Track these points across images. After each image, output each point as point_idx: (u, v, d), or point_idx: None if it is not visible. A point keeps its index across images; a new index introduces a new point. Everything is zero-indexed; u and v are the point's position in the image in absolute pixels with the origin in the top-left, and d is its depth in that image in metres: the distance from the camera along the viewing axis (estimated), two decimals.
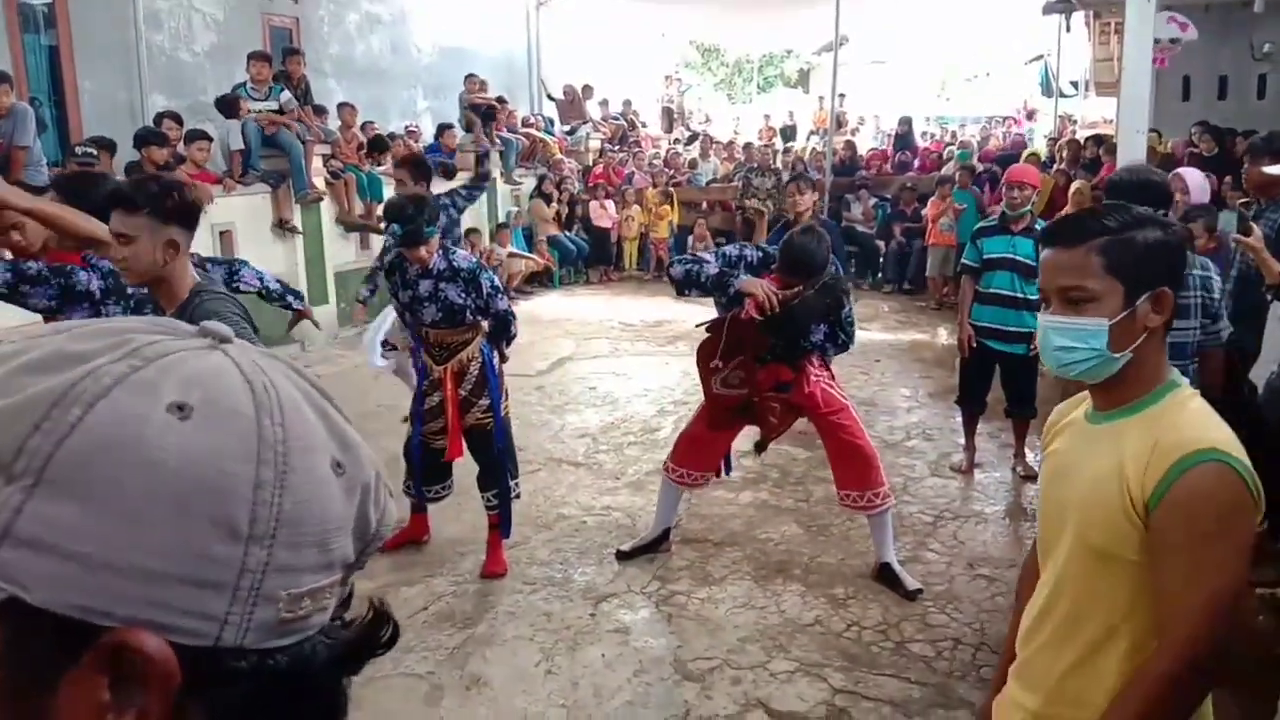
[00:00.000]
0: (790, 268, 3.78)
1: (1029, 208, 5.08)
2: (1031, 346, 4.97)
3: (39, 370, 0.49)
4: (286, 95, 8.43)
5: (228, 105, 8.37)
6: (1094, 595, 1.54)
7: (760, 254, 4.04)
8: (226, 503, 0.49)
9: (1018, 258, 4.98)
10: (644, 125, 16.72)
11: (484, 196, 11.71)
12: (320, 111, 9.59)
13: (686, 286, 3.95)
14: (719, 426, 4.16)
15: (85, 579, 0.46)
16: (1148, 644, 1.48)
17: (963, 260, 5.34)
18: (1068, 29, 14.28)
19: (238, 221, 7.84)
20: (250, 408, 0.51)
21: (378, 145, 10.14)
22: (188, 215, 2.69)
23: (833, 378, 4.17)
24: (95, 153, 7.50)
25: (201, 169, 7.84)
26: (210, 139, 8.04)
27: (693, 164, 14.11)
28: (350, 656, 0.56)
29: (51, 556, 0.46)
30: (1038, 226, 5.03)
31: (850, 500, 4.03)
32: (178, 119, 8.30)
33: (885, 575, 4.03)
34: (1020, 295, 4.97)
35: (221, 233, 7.89)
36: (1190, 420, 1.49)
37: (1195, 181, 5.21)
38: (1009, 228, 5.06)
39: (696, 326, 4.05)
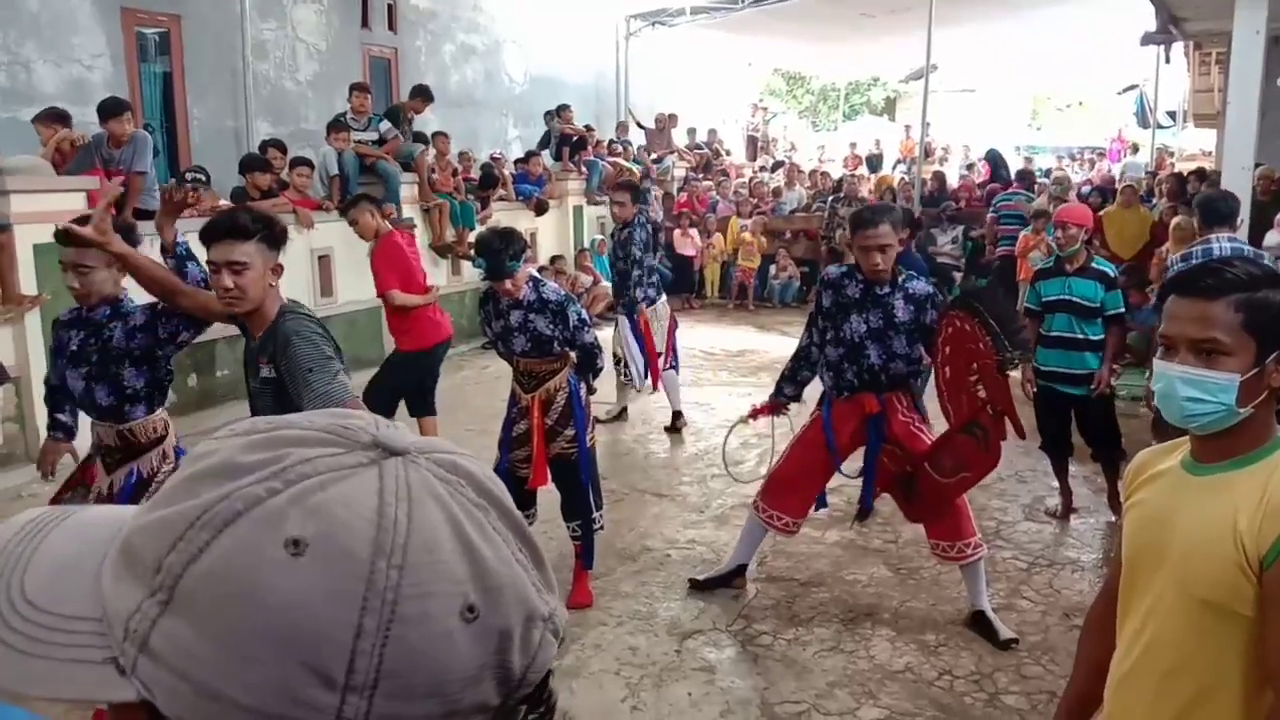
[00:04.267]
0: None
1: (1078, 247, 4.95)
2: (1091, 388, 4.90)
3: (204, 480, 0.51)
4: (386, 125, 8.68)
5: (332, 128, 8.68)
6: (1201, 647, 1.53)
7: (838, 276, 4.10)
8: (323, 650, 0.48)
9: (1074, 299, 4.92)
10: (728, 153, 16.76)
11: (571, 222, 11.92)
12: (421, 139, 9.86)
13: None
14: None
15: (194, 702, 0.48)
16: (1258, 696, 1.48)
17: (1026, 305, 5.22)
18: (1167, 60, 13.93)
19: (336, 246, 8.08)
20: (367, 548, 0.48)
21: (488, 181, 10.44)
22: (284, 241, 2.92)
23: (924, 420, 4.10)
24: (204, 178, 7.83)
25: (303, 194, 8.11)
26: (312, 165, 8.31)
27: (777, 192, 14.08)
28: None
29: (171, 673, 0.48)
30: (1095, 265, 4.98)
31: (941, 550, 3.96)
32: (282, 147, 8.60)
33: (979, 623, 3.94)
34: (1081, 336, 4.91)
35: (320, 257, 8.14)
36: None
37: None
38: (1064, 268, 4.99)
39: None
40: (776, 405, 4.33)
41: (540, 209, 11.14)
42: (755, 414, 4.36)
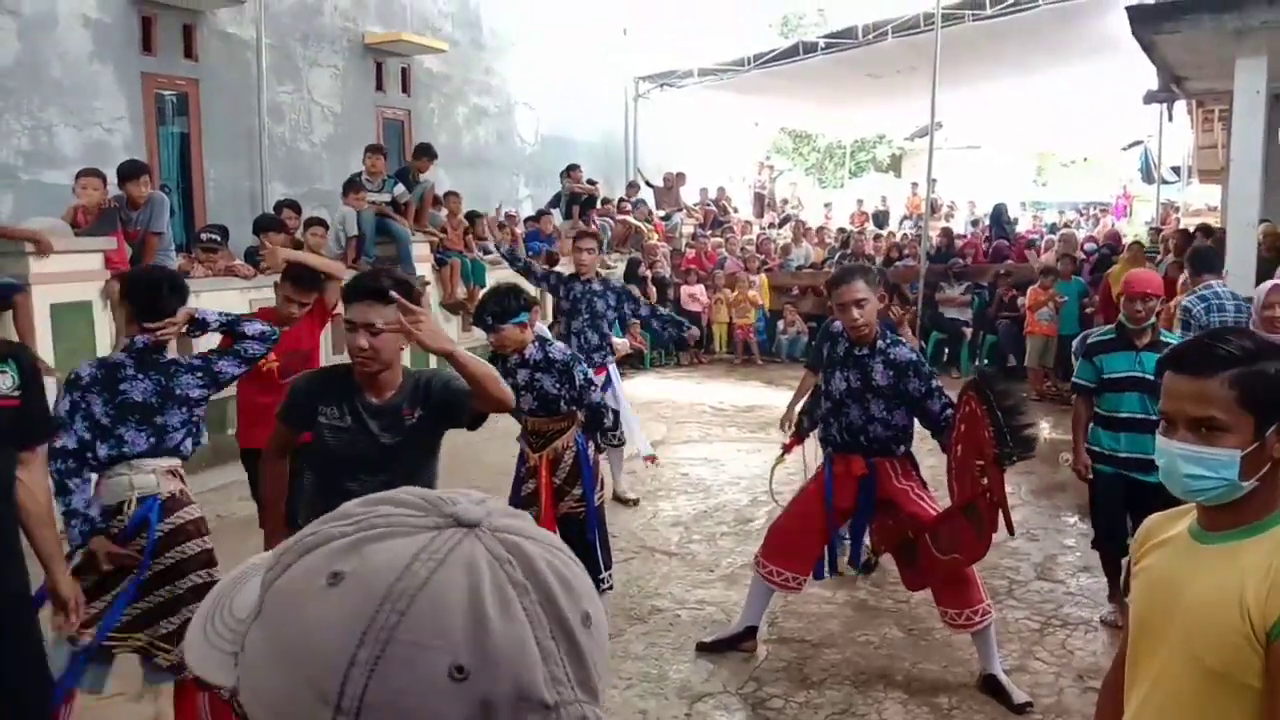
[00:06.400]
0: None
1: (1154, 320, 4.43)
2: None
3: (322, 522, 0.62)
4: (400, 188, 8.82)
5: (349, 188, 8.83)
6: (1207, 717, 1.51)
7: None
8: (323, 670, 0.54)
9: (1146, 376, 4.24)
10: (735, 210, 16.96)
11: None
12: (434, 201, 10.01)
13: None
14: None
15: (247, 697, 0.59)
16: None
17: (1075, 380, 4.67)
18: (1169, 118, 14.08)
19: None
20: (382, 591, 0.55)
21: (471, 217, 10.58)
22: (419, 305, 2.85)
23: (923, 485, 4.08)
24: (220, 238, 7.95)
25: (317, 254, 8.21)
26: (326, 225, 8.43)
27: (785, 249, 14.20)
28: None
29: (243, 670, 0.60)
30: (1163, 339, 4.36)
31: (949, 618, 3.92)
32: (296, 207, 8.74)
33: (991, 686, 3.89)
34: (1154, 417, 4.25)
35: (333, 315, 8.21)
36: None
37: None
38: (1132, 343, 4.39)
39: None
40: (800, 438, 4.59)
41: (551, 261, 11.25)
42: (787, 449, 4.65)
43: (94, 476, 3.14)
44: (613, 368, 6.45)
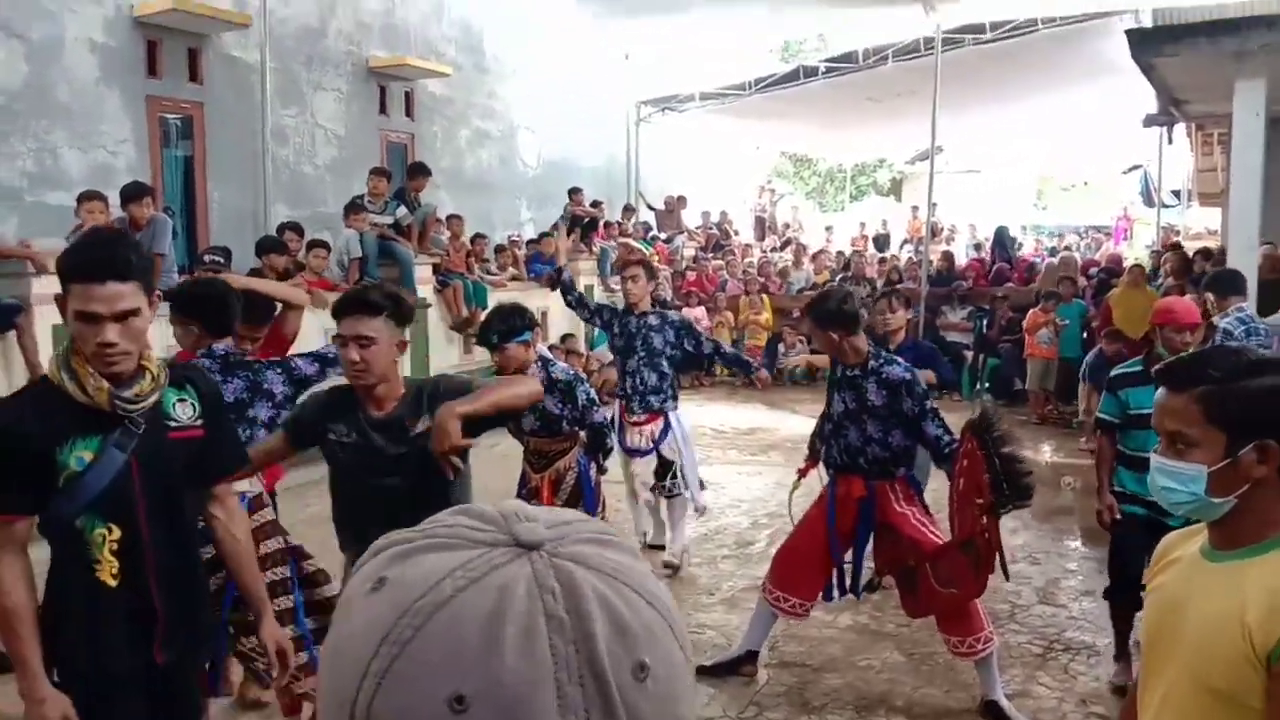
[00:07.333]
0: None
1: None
2: None
3: None
4: (403, 210, 8.87)
5: (350, 210, 8.87)
6: None
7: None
8: (345, 677, 0.53)
9: None
10: (737, 234, 17.01)
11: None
12: (436, 223, 10.07)
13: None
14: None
15: (318, 697, 0.58)
16: None
17: (1099, 415, 4.33)
18: (1169, 141, 14.14)
19: None
20: (405, 604, 0.52)
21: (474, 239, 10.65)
22: (410, 318, 2.99)
23: (925, 511, 4.07)
24: (222, 259, 7.97)
25: (319, 276, 8.23)
26: (328, 247, 8.46)
27: (783, 272, 14.23)
28: None
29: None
30: None
31: (952, 645, 3.90)
32: (298, 229, 8.77)
33: (993, 712, 3.86)
34: None
35: (333, 335, 8.23)
36: None
37: None
38: None
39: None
40: (815, 461, 4.54)
41: (553, 283, 11.26)
42: (803, 473, 4.58)
43: None
44: (674, 415, 5.71)
